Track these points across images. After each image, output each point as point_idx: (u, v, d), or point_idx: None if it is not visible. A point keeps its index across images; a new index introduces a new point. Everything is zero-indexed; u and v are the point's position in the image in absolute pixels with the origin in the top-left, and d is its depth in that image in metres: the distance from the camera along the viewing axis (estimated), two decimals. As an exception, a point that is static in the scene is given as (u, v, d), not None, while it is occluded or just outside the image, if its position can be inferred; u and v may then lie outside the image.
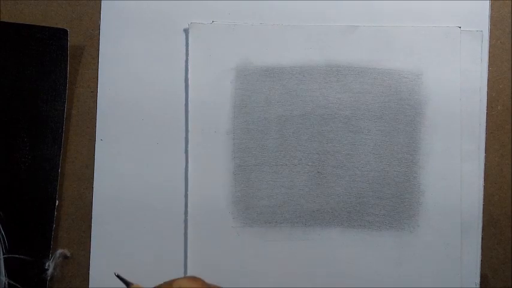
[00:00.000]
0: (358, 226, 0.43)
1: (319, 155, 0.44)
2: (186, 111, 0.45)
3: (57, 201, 0.44)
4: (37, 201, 0.44)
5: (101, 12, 0.46)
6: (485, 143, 0.44)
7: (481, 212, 0.44)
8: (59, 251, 0.44)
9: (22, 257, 0.43)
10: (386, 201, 0.43)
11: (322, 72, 0.44)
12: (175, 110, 0.45)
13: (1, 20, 0.45)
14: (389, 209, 0.43)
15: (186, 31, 0.45)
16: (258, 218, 0.44)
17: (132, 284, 0.37)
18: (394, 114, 0.44)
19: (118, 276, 0.39)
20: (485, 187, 0.44)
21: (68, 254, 0.45)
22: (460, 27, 0.44)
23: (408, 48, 0.44)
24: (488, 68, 0.45)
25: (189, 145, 0.44)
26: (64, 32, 0.44)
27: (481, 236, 0.44)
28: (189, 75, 0.44)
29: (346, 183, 0.43)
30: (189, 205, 0.43)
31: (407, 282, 0.43)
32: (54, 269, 0.44)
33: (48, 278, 0.44)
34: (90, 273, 0.44)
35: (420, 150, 0.43)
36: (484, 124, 0.44)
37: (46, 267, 0.43)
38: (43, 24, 0.45)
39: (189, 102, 0.44)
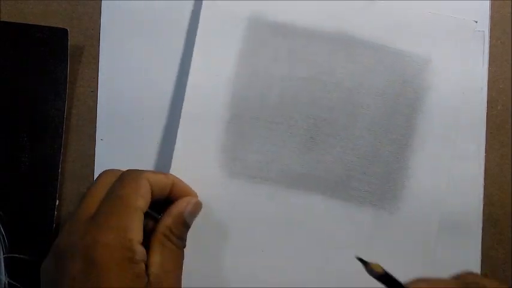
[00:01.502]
0: (341, 198, 0.43)
1: (316, 120, 0.43)
2: (189, 56, 0.44)
3: (57, 201, 0.44)
4: (37, 200, 0.44)
5: (101, 12, 0.46)
6: (485, 143, 0.44)
7: (481, 212, 0.44)
8: (59, 251, 0.44)
9: (22, 256, 0.43)
10: (372, 178, 0.43)
11: (333, 39, 0.44)
12: (177, 108, 0.45)
13: (1, 20, 0.45)
14: (374, 186, 0.43)
15: None
16: (244, 171, 0.43)
17: (370, 263, 0.36)
18: (396, 95, 0.43)
19: (359, 259, 0.38)
20: (485, 187, 0.44)
21: (68, 254, 0.45)
22: (476, 22, 0.44)
23: (421, 32, 0.43)
24: (489, 68, 0.45)
25: (187, 86, 0.43)
26: (64, 32, 0.44)
27: (481, 236, 0.44)
28: (200, 20, 0.44)
29: (337, 153, 0.43)
30: (176, 145, 0.43)
31: (384, 261, 0.43)
32: (54, 268, 0.44)
33: (49, 277, 0.44)
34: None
35: (414, 134, 0.43)
36: (484, 124, 0.44)
37: (46, 267, 0.44)
38: (43, 23, 0.45)
39: (195, 45, 0.43)
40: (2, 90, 0.44)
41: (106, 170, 0.39)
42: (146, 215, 0.37)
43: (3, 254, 0.43)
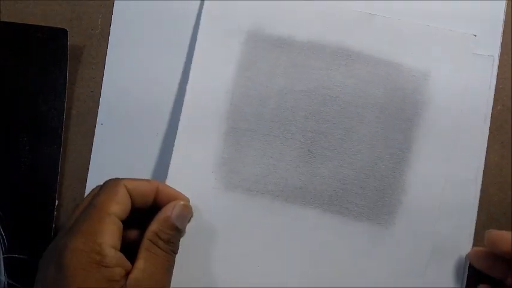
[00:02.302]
0: (337, 212, 0.43)
1: (313, 133, 0.43)
2: (187, 68, 0.44)
3: (56, 201, 0.44)
4: (37, 201, 0.44)
5: (113, 12, 0.46)
6: (485, 143, 0.44)
7: (472, 238, 0.43)
8: (59, 251, 0.44)
9: (22, 256, 0.43)
10: (368, 192, 0.43)
11: (332, 53, 0.44)
12: (179, 109, 0.44)
13: (1, 20, 0.45)
14: (370, 201, 0.43)
15: None
16: (241, 184, 0.43)
17: None
18: (394, 109, 0.43)
19: None
20: (485, 187, 0.44)
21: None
22: (475, 35, 0.44)
23: (421, 46, 0.43)
24: (488, 68, 0.45)
25: (185, 98, 0.43)
26: (64, 32, 0.44)
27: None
28: (199, 32, 0.44)
29: (334, 167, 0.43)
30: (172, 156, 0.43)
31: (377, 276, 0.43)
32: (54, 268, 0.44)
33: (48, 277, 0.44)
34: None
35: (412, 150, 0.43)
36: (485, 143, 0.44)
37: (46, 267, 0.43)
38: (43, 24, 0.45)
39: (194, 57, 0.44)
40: (1, 90, 0.44)
41: (97, 185, 0.39)
42: (134, 226, 0.38)
43: (3, 254, 0.43)
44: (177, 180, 0.43)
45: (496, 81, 0.44)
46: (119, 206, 0.36)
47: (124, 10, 0.46)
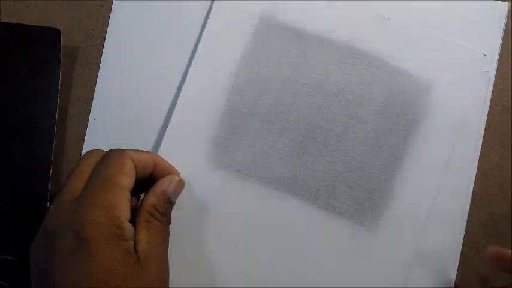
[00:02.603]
0: (322, 207, 0.43)
1: (310, 127, 0.43)
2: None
3: (48, 202, 0.43)
4: (28, 202, 0.43)
5: (111, 11, 0.46)
6: (485, 143, 0.44)
7: (459, 252, 0.43)
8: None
9: (11, 258, 0.42)
10: (356, 192, 0.43)
11: (341, 49, 0.44)
12: (173, 110, 0.44)
13: (0, 21, 0.45)
14: (357, 201, 0.43)
15: None
16: (231, 164, 0.43)
17: None
18: (393, 114, 0.43)
19: None
20: (485, 187, 0.44)
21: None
22: (485, 55, 0.44)
23: (429, 57, 0.44)
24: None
25: (188, 72, 0.44)
26: (56, 32, 0.44)
27: (455, 276, 0.43)
28: (211, 13, 0.44)
29: (326, 162, 0.43)
30: (168, 128, 0.43)
31: (354, 275, 0.42)
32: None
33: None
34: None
35: (406, 157, 0.43)
36: (477, 159, 0.44)
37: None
38: (43, 24, 0.45)
39: (202, 36, 0.44)
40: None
41: (89, 150, 0.39)
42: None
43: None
44: (170, 152, 0.43)
45: (496, 82, 0.44)
46: (128, 178, 0.36)
47: (122, 9, 0.46)
